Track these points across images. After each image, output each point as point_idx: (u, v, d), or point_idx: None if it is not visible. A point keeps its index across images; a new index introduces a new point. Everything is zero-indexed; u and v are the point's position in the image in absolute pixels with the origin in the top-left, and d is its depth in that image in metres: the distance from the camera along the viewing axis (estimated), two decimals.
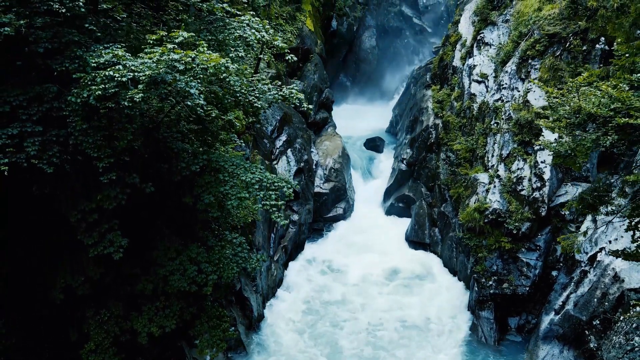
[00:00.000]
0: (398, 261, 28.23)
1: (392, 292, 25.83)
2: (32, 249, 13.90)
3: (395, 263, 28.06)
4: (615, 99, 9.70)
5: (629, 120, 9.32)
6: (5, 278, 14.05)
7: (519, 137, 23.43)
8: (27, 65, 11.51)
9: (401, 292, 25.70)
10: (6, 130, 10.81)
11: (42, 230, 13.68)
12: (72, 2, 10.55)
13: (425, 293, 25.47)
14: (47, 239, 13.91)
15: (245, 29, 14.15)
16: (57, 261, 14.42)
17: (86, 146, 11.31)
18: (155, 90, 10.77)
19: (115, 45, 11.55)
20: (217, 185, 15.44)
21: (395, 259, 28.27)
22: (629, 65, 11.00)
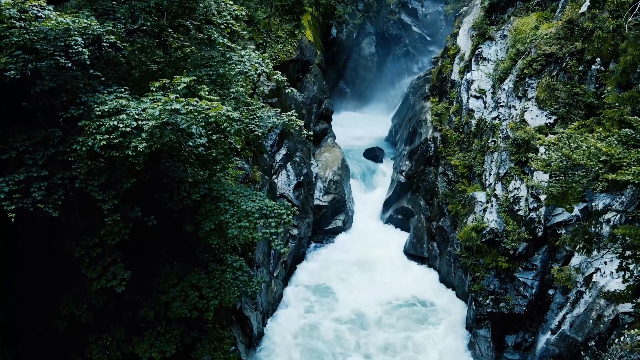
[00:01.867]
0: (397, 289, 27.71)
1: (389, 326, 25.15)
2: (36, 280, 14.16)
3: (395, 292, 27.43)
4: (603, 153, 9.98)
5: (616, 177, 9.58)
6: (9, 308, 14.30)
7: (516, 157, 23.69)
8: (32, 106, 11.77)
9: (400, 325, 25.00)
10: (13, 176, 11.08)
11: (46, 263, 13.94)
12: (78, 55, 10.81)
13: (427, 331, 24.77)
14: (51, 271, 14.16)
15: (245, 64, 14.41)
16: (61, 291, 14.68)
17: (91, 189, 11.59)
18: (159, 139, 11.03)
19: (119, 89, 11.82)
20: (217, 214, 15.70)
21: (393, 284, 28.01)
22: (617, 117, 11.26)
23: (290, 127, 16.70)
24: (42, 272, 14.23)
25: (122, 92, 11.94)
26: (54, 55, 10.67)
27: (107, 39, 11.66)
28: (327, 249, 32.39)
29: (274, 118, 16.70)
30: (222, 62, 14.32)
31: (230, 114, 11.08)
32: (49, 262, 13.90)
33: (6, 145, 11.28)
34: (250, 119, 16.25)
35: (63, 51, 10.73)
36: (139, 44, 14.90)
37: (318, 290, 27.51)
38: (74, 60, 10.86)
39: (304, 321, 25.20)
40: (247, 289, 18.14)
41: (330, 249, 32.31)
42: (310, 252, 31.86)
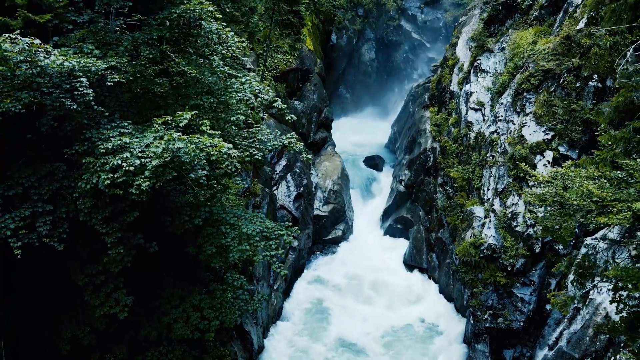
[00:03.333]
0: (396, 305, 27.70)
1: (387, 346, 25.07)
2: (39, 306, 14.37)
3: (394, 309, 27.40)
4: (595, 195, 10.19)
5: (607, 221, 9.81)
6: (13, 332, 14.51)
7: (514, 172, 23.89)
8: (37, 137, 11.98)
9: (398, 344, 24.95)
10: (19, 212, 11.31)
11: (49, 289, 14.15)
12: (83, 97, 11.02)
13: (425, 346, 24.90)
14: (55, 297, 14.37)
15: (246, 91, 14.61)
16: (64, 315, 14.89)
17: (95, 222, 11.80)
18: (162, 177, 11.25)
19: (122, 122, 12.03)
20: (218, 237, 15.92)
21: (393, 301, 27.98)
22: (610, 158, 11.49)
23: (290, 148, 16.89)
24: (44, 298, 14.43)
25: (125, 125, 12.14)
26: (59, 97, 10.88)
27: (110, 78, 11.86)
28: (327, 259, 32.60)
29: (275, 140, 16.90)
30: (223, 89, 14.52)
31: (231, 152, 11.29)
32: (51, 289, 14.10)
33: (12, 181, 11.49)
34: (250, 142, 16.46)
35: (69, 92, 10.94)
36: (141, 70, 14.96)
37: (318, 311, 27.31)
38: (79, 101, 11.07)
39: (304, 332, 25.42)
40: (248, 307, 18.38)
41: (330, 260, 32.51)
42: (310, 263, 32.09)
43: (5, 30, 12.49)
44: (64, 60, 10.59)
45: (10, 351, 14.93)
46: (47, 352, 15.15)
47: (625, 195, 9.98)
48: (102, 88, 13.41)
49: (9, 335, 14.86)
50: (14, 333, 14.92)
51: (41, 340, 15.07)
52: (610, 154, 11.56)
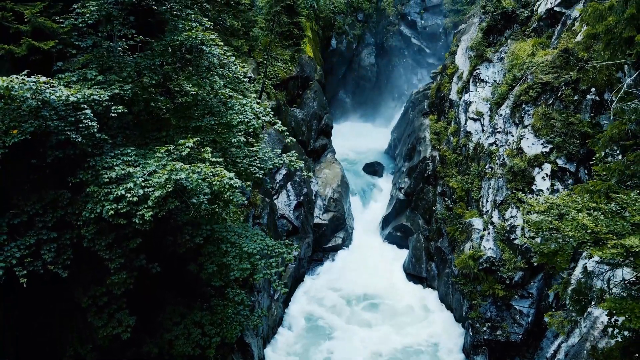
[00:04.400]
0: (396, 320, 27.58)
1: None
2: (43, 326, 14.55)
3: (394, 324, 27.21)
4: (590, 228, 10.38)
5: (600, 255, 10.01)
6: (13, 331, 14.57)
7: (513, 185, 24.07)
8: (41, 164, 12.15)
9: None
10: (24, 240, 11.49)
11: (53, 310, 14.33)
12: (88, 129, 11.20)
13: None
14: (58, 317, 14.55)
15: (247, 113, 14.79)
16: (67, 334, 15.07)
17: (98, 248, 11.99)
18: (164, 206, 11.44)
19: (125, 149, 12.22)
20: (219, 255, 16.09)
21: (393, 317, 27.80)
22: (604, 190, 11.68)
23: (291, 167, 17.07)
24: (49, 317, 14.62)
25: (128, 152, 12.32)
26: (64, 130, 11.07)
27: (114, 109, 12.04)
28: (326, 268, 32.74)
29: (275, 159, 17.08)
30: (225, 110, 14.71)
31: (233, 182, 11.48)
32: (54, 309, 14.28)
33: (18, 209, 11.68)
34: (251, 161, 16.64)
35: (73, 125, 11.13)
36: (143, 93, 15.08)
37: (316, 327, 27.19)
38: (83, 134, 11.25)
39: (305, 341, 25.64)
40: (248, 323, 18.55)
41: (330, 268, 32.65)
42: (310, 272, 32.27)
43: (11, 58, 12.71)
44: (69, 94, 10.77)
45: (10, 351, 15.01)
46: (47, 351, 15.14)
47: (619, 227, 10.18)
48: (107, 111, 13.58)
49: (9, 335, 14.98)
50: (14, 333, 14.98)
51: (42, 339, 15.07)
52: (605, 186, 11.76)
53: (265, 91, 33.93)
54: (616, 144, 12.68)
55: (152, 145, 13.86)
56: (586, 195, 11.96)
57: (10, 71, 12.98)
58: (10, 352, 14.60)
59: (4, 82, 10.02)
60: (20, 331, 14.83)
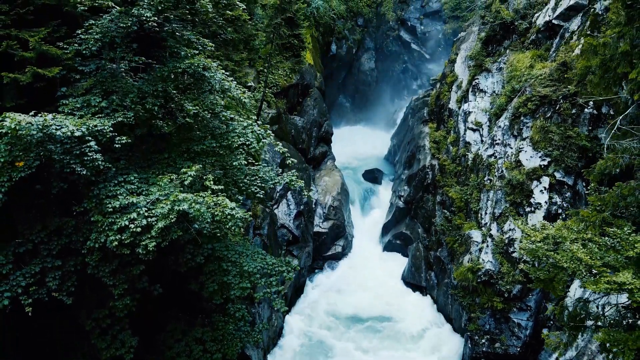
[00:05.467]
0: (396, 333, 27.69)
1: None
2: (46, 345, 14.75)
3: (394, 337, 27.43)
4: (585, 261, 10.58)
5: (594, 289, 10.21)
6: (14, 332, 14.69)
7: (511, 198, 24.27)
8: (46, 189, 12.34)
9: None
10: (29, 268, 11.69)
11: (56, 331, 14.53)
12: (92, 162, 11.40)
13: None
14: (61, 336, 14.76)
15: (248, 135, 14.99)
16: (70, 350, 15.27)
17: (102, 275, 12.20)
18: (168, 236, 11.65)
19: (129, 177, 12.42)
20: (220, 274, 16.31)
21: (393, 330, 27.90)
22: (599, 222, 11.88)
23: (291, 185, 17.27)
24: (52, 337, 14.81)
25: (131, 180, 12.52)
26: (70, 164, 11.26)
27: (118, 139, 12.24)
28: (327, 277, 32.94)
29: (276, 178, 17.28)
30: (226, 132, 14.92)
31: (234, 213, 11.68)
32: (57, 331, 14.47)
33: (23, 237, 11.88)
34: (252, 180, 16.84)
35: (78, 158, 11.32)
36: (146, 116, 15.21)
37: (314, 346, 27.04)
38: (88, 167, 11.45)
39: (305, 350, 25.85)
40: (249, 339, 18.74)
41: (329, 278, 32.82)
42: (310, 281, 32.43)
43: (16, 85, 12.90)
44: (74, 130, 10.96)
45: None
46: (47, 351, 15.26)
47: (613, 260, 10.38)
48: (111, 142, 13.71)
49: (9, 336, 15.10)
50: (14, 334, 15.12)
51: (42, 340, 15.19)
52: (599, 217, 11.96)
53: (265, 100, 34.11)
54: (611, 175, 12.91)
55: (154, 168, 14.04)
56: (581, 224, 12.16)
57: (16, 97, 13.20)
58: (8, 336, 14.64)
59: (11, 123, 10.22)
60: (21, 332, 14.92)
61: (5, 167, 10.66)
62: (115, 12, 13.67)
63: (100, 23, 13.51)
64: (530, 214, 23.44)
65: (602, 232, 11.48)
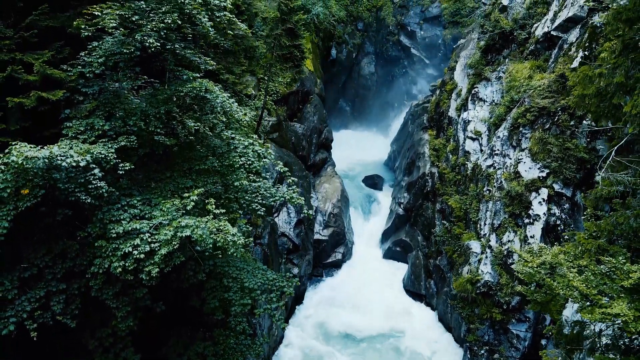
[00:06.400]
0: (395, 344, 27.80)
1: None
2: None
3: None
4: (580, 290, 10.76)
5: (590, 318, 10.40)
6: None
7: (510, 209, 24.44)
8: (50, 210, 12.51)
9: None
10: (34, 293, 11.87)
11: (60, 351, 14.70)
12: (97, 190, 11.58)
13: None
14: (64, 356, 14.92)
15: (249, 155, 15.17)
16: None
17: (106, 297, 12.38)
18: (170, 261, 11.84)
19: (132, 200, 12.60)
20: (221, 290, 16.48)
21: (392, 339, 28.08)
22: (594, 250, 12.06)
23: (292, 202, 17.43)
24: None
25: (134, 204, 12.69)
26: (74, 192, 11.44)
27: (122, 166, 12.42)
28: (326, 286, 33.07)
29: (277, 194, 17.44)
30: (227, 152, 15.09)
31: (236, 239, 11.85)
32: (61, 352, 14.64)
33: (28, 262, 12.06)
34: (253, 197, 17.01)
35: (83, 187, 11.50)
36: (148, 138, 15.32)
37: None
38: (92, 195, 11.63)
39: None
40: (250, 353, 18.91)
41: (329, 286, 32.94)
42: (310, 289, 32.59)
43: (20, 108, 13.08)
44: (79, 160, 11.13)
45: None
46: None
47: (607, 288, 10.55)
48: (115, 169, 13.84)
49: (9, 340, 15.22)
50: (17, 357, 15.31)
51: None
52: (594, 244, 12.15)
53: (266, 108, 34.29)
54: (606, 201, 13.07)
55: (156, 188, 14.21)
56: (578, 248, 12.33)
57: (20, 120, 13.37)
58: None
59: (18, 158, 10.39)
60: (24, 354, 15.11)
61: (10, 196, 10.84)
62: (118, 35, 13.83)
63: (103, 47, 13.67)
64: (529, 226, 23.61)
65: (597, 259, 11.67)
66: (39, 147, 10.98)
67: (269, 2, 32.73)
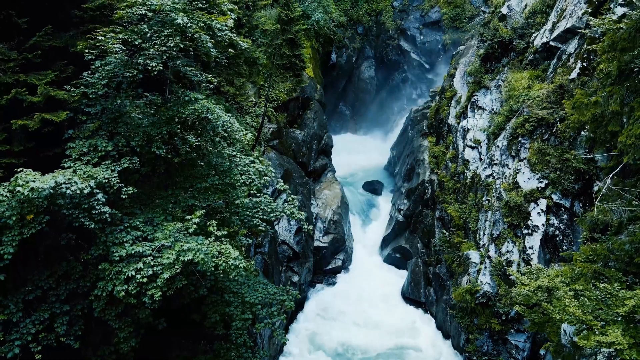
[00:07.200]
0: None
1: None
2: None
3: None
4: (576, 315, 10.94)
5: (586, 344, 10.58)
6: None
7: (509, 219, 24.60)
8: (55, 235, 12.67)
9: None
10: (38, 315, 12.04)
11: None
12: (100, 215, 11.75)
13: None
14: None
15: (250, 173, 15.36)
16: None
17: (108, 318, 12.55)
18: (173, 285, 12.02)
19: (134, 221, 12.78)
20: (222, 305, 16.66)
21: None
22: (590, 275, 12.23)
23: (292, 217, 17.61)
24: None
25: (137, 225, 12.86)
26: (78, 218, 11.62)
27: (125, 190, 12.58)
28: (326, 293, 33.22)
29: (277, 210, 17.62)
30: (229, 169, 15.27)
31: (238, 263, 12.03)
32: None
33: (32, 284, 12.23)
34: (254, 213, 17.19)
35: (87, 212, 11.67)
36: None
37: None
38: (96, 220, 11.81)
39: None
40: None
41: (329, 294, 33.09)
42: (310, 296, 32.75)
43: (24, 131, 13.24)
44: (83, 188, 11.30)
45: None
46: None
47: (603, 314, 10.73)
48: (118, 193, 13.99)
49: None
50: None
51: None
52: (591, 269, 12.31)
53: (266, 115, 34.46)
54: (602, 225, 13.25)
55: (158, 206, 14.36)
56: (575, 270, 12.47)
57: (24, 141, 13.54)
58: None
59: (24, 189, 10.55)
60: None
61: (16, 222, 11.00)
62: (120, 55, 14.00)
63: (106, 68, 13.84)
64: (527, 237, 23.77)
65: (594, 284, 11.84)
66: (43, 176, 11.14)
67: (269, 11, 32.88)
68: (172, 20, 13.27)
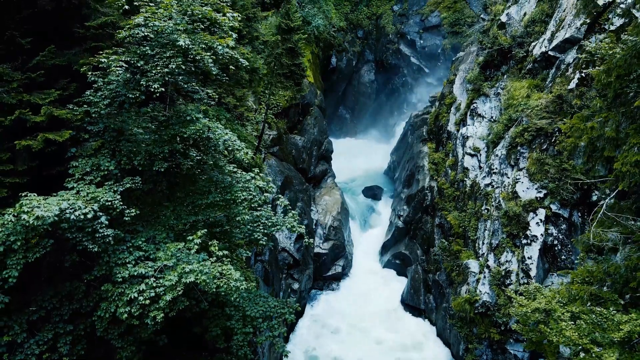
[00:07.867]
0: None
1: None
2: None
3: None
4: (572, 338, 11.10)
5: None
6: None
7: (508, 229, 24.75)
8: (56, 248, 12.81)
9: None
10: (42, 336, 12.19)
11: None
12: (103, 239, 11.92)
13: None
14: None
15: (250, 190, 15.52)
16: None
17: (111, 337, 12.71)
18: (175, 306, 12.18)
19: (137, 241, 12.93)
20: (223, 318, 16.80)
21: None
22: (587, 297, 12.38)
23: (293, 231, 17.74)
24: None
25: (139, 245, 13.01)
26: (82, 241, 11.78)
27: (128, 212, 12.73)
28: (327, 300, 33.39)
29: (278, 224, 17.75)
30: (229, 185, 15.42)
31: (239, 284, 12.18)
32: None
33: (36, 304, 12.38)
34: (255, 227, 17.34)
35: (90, 235, 11.83)
36: None
37: None
38: (99, 243, 11.97)
39: None
40: None
41: (330, 301, 33.24)
42: (310, 303, 32.89)
43: (28, 151, 13.39)
44: (87, 212, 11.45)
45: None
46: None
47: (599, 337, 10.88)
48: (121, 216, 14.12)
49: None
50: None
51: None
52: (587, 292, 12.48)
53: (267, 122, 34.60)
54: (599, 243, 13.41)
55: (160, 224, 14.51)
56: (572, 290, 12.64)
57: (27, 160, 13.69)
58: None
59: (29, 218, 10.70)
60: None
61: (20, 246, 11.16)
62: (123, 75, 14.13)
63: (109, 87, 13.99)
64: (526, 247, 23.93)
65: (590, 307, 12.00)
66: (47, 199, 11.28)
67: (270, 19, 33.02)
68: (174, 41, 13.41)
